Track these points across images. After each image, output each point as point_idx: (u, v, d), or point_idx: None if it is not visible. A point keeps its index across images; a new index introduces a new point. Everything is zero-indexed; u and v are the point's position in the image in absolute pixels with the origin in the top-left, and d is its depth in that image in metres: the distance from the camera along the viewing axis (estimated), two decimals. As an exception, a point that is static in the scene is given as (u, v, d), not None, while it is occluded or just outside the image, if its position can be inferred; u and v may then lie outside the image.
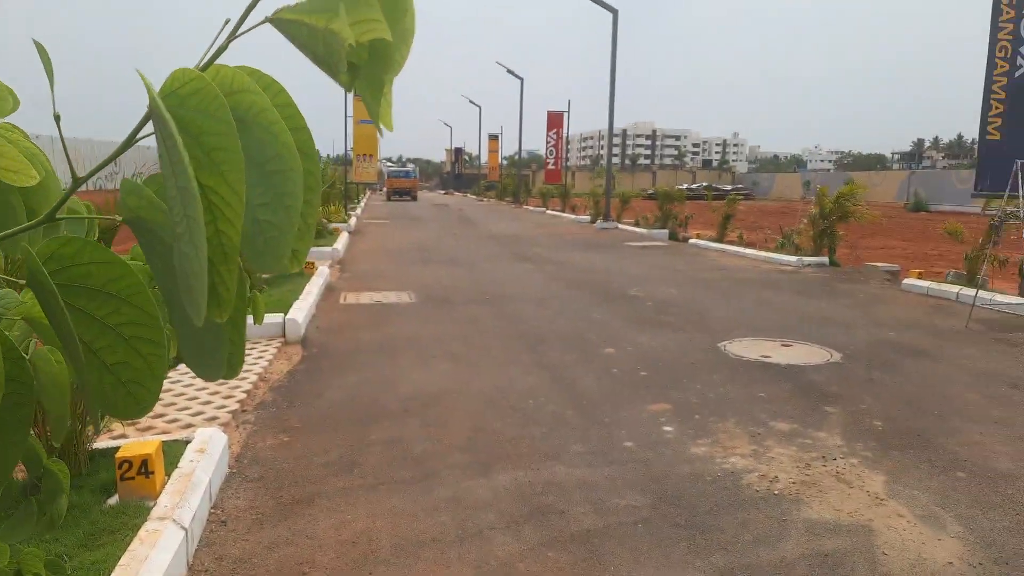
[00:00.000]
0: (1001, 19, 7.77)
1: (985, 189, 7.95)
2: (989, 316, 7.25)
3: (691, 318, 7.35)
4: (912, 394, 4.77)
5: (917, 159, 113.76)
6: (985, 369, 5.40)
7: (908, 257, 14.70)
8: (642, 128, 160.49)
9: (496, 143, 47.25)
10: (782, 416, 4.32)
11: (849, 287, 9.53)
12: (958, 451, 3.76)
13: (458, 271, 11.05)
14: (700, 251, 14.53)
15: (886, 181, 42.39)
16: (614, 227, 20.55)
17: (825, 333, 6.62)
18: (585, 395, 4.76)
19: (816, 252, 12.05)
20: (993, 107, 7.83)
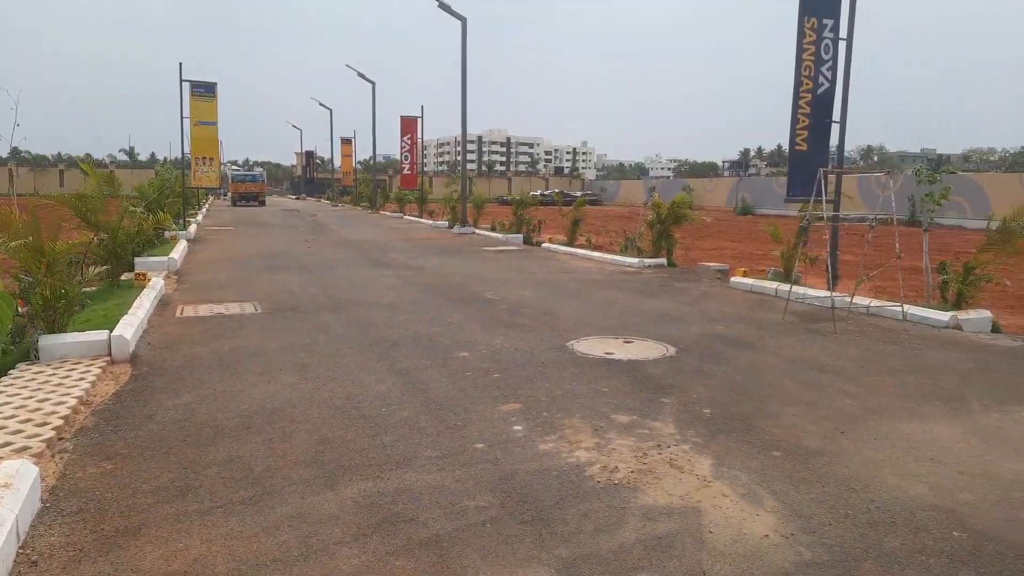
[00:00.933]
0: (805, 42, 8.71)
1: (796, 194, 8.86)
2: (802, 309, 8.08)
3: (542, 319, 7.57)
4: (737, 382, 5.20)
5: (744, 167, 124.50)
6: (798, 356, 6.00)
7: (736, 256, 16.04)
8: (497, 135, 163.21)
9: (349, 147, 46.13)
10: (623, 409, 4.56)
11: (684, 286, 10.25)
12: (775, 432, 4.14)
13: (309, 279, 10.66)
14: (552, 254, 15.01)
15: (718, 187, 46.06)
16: (471, 232, 20.75)
17: (663, 329, 7.07)
18: (438, 399, 4.75)
19: (656, 254, 12.85)
20: (800, 121, 8.75)
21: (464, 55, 20.34)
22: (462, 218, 21.61)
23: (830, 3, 8.77)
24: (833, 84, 8.81)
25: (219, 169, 21.59)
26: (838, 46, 8.83)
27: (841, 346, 6.38)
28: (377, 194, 38.32)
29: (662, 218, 12.77)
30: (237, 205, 42.27)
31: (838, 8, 8.82)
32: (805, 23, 8.71)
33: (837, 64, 8.82)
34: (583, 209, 16.75)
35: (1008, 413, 4.48)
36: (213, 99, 19.10)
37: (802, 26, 8.72)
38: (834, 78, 8.80)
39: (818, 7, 8.71)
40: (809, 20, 8.71)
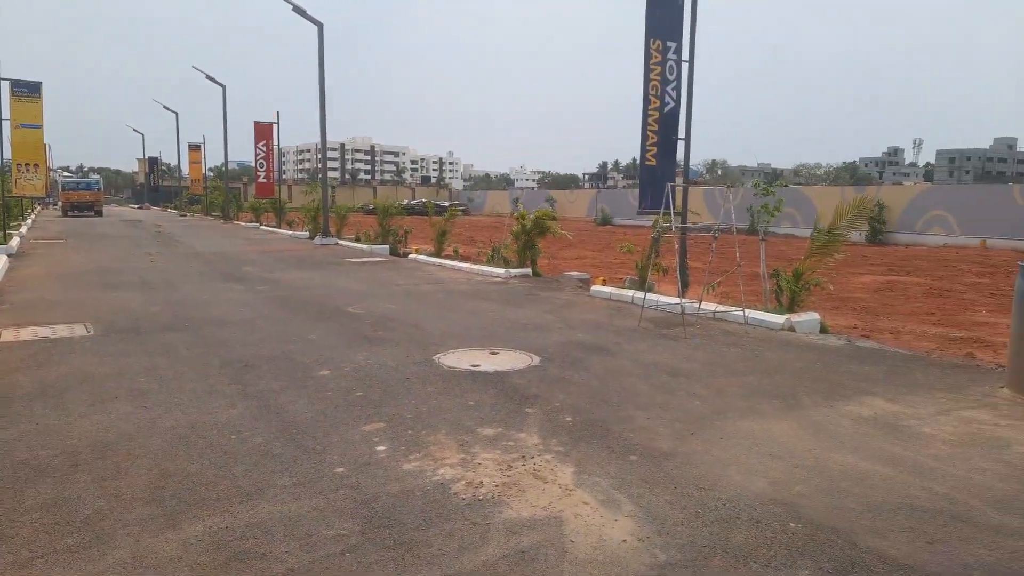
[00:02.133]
0: (651, 62, 9.23)
1: (647, 207, 9.35)
2: (656, 316, 8.50)
3: (408, 332, 7.45)
4: (596, 388, 5.37)
5: (603, 179, 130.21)
6: (652, 361, 6.30)
7: (597, 265, 16.68)
8: (361, 143, 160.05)
9: (198, 153, 43.41)
10: (488, 422, 4.56)
11: (548, 295, 10.49)
12: (631, 436, 4.30)
13: (152, 296, 9.87)
14: (419, 265, 14.87)
15: (579, 199, 47.79)
16: (334, 243, 20.15)
17: (528, 338, 7.18)
18: (295, 422, 4.52)
19: (521, 264, 13.08)
20: (649, 137, 9.26)
21: (321, 61, 19.78)
22: (324, 228, 20.94)
23: (673, 26, 9.35)
24: (678, 103, 9.39)
25: (47, 176, 19.55)
26: (682, 67, 9.43)
27: (690, 350, 6.76)
28: (231, 203, 36.31)
29: (527, 229, 13.02)
30: (69, 215, 38.55)
31: (680, 31, 9.41)
32: (651, 44, 9.22)
33: (681, 84, 9.41)
34: (451, 219, 16.76)
35: (834, 408, 4.92)
36: (38, 100, 17.31)
37: (648, 47, 9.22)
38: (679, 97, 9.39)
39: (662, 30, 9.26)
40: (655, 42, 9.23)
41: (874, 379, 5.72)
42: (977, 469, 3.79)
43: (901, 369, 6.07)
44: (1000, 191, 26.98)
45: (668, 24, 9.32)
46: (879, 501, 3.41)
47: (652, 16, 9.17)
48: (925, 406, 4.96)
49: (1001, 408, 4.89)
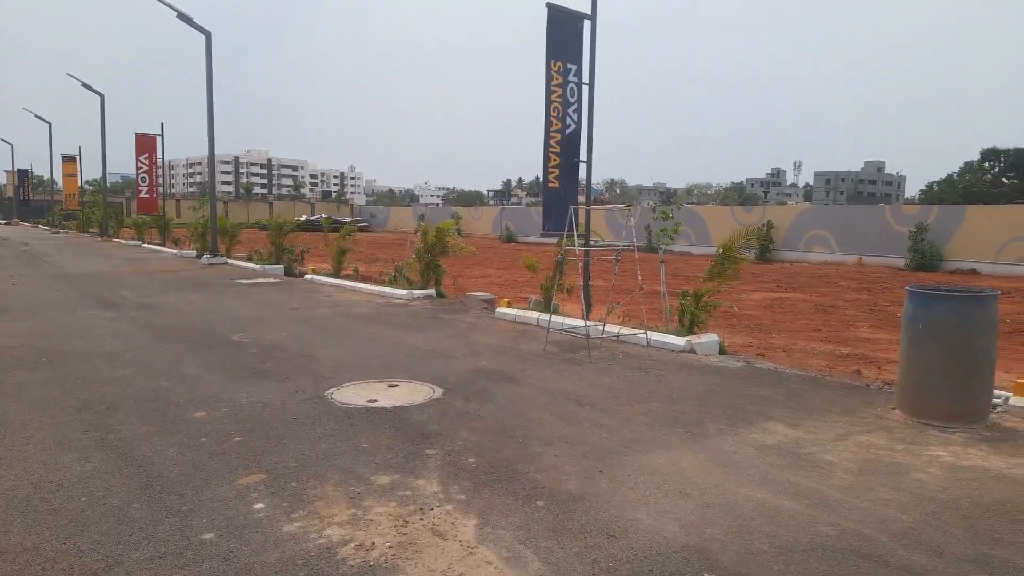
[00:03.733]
0: (553, 83, 9.16)
1: (551, 229, 9.23)
2: (561, 338, 8.36)
3: (299, 364, 6.93)
4: (501, 422, 5.10)
5: (507, 196, 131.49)
6: (557, 389, 6.10)
7: (503, 284, 16.53)
8: (257, 156, 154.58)
9: (74, 165, 40.25)
10: (384, 467, 4.18)
11: (453, 317, 10.17)
12: (537, 478, 4.05)
13: (8, 325, 8.81)
14: (316, 287, 14.18)
15: (484, 216, 47.81)
16: (223, 262, 19.00)
17: (430, 367, 6.83)
18: (161, 477, 3.99)
19: (425, 284, 12.70)
20: (552, 159, 9.16)
21: (209, 72, 18.71)
22: (212, 246, 19.72)
23: (573, 49, 9.33)
24: (580, 125, 9.36)
25: None
26: (582, 90, 9.42)
27: (596, 375, 6.63)
28: (110, 219, 33.83)
29: (430, 247, 12.67)
30: (-81, 232, 34.75)
31: (580, 54, 9.41)
32: (552, 66, 9.16)
33: (582, 106, 9.39)
34: (351, 236, 16.13)
35: (739, 435, 4.87)
36: None
37: (549, 69, 9.16)
38: (580, 120, 9.36)
39: (562, 52, 9.22)
40: (555, 64, 9.17)
41: (774, 402, 5.76)
42: (880, 500, 3.78)
43: (798, 391, 6.16)
44: (874, 211, 29.03)
45: (568, 46, 9.29)
46: (790, 541, 3.30)
47: (552, 38, 9.11)
48: (824, 431, 4.99)
49: (894, 431, 4.99)
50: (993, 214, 23.66)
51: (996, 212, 24.30)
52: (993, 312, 5.07)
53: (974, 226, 22.84)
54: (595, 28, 9.45)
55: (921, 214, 24.63)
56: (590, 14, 9.43)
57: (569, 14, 9.30)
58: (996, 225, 22.36)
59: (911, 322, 5.26)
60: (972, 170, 71.01)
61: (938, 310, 5.12)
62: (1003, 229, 22.08)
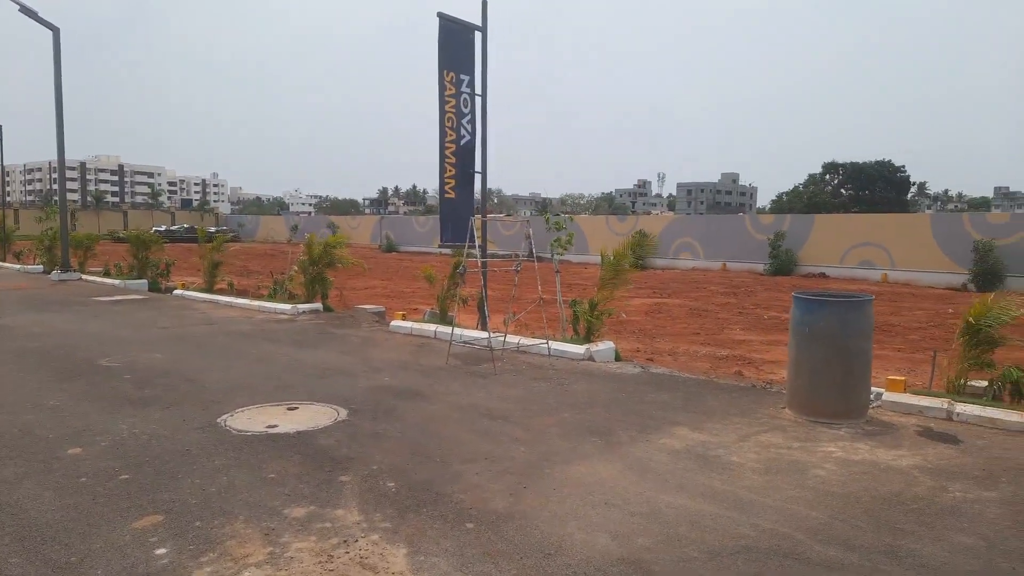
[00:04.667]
0: (446, 94, 9.09)
1: (448, 240, 9.14)
2: (463, 351, 8.27)
3: (183, 389, 6.40)
4: (415, 442, 4.94)
5: (384, 205, 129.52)
6: (468, 403, 6.01)
7: (389, 295, 16.20)
8: (106, 162, 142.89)
9: None
10: (296, 498, 3.92)
11: (344, 332, 9.81)
12: (463, 499, 3.94)
13: None
14: (188, 303, 13.22)
15: (362, 225, 46.77)
16: (77, 278, 17.31)
17: (330, 386, 6.52)
18: (40, 525, 3.52)
19: (310, 298, 12.18)
20: (447, 170, 9.08)
21: (58, 69, 17.04)
22: (63, 261, 17.90)
23: (465, 60, 9.31)
24: (474, 136, 9.35)
25: None
26: (476, 101, 9.41)
27: (504, 387, 6.60)
28: (-66, 231, 29.93)
29: (315, 260, 12.17)
30: None
31: (473, 65, 9.41)
32: (445, 76, 9.09)
33: (476, 118, 9.38)
34: (222, 249, 15.18)
35: (650, 442, 5.00)
36: None
37: (442, 79, 9.08)
38: (475, 131, 9.35)
39: (455, 63, 9.18)
40: (448, 74, 9.11)
41: (675, 407, 5.98)
42: (790, 498, 4.00)
43: (695, 395, 6.44)
44: (735, 221, 31.19)
45: (460, 57, 9.26)
46: (717, 546, 3.41)
47: (445, 48, 9.05)
48: (727, 433, 5.23)
49: (788, 430, 5.32)
50: (837, 223, 26.08)
51: (840, 221, 26.81)
52: (869, 315, 5.54)
53: (822, 234, 25.06)
54: (486, 40, 9.49)
55: (776, 223, 26.71)
56: (480, 25, 9.45)
57: (461, 25, 9.28)
58: (840, 233, 24.67)
59: (798, 326, 5.64)
60: (815, 182, 78.15)
61: (822, 315, 5.53)
62: (846, 236, 24.40)
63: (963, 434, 5.18)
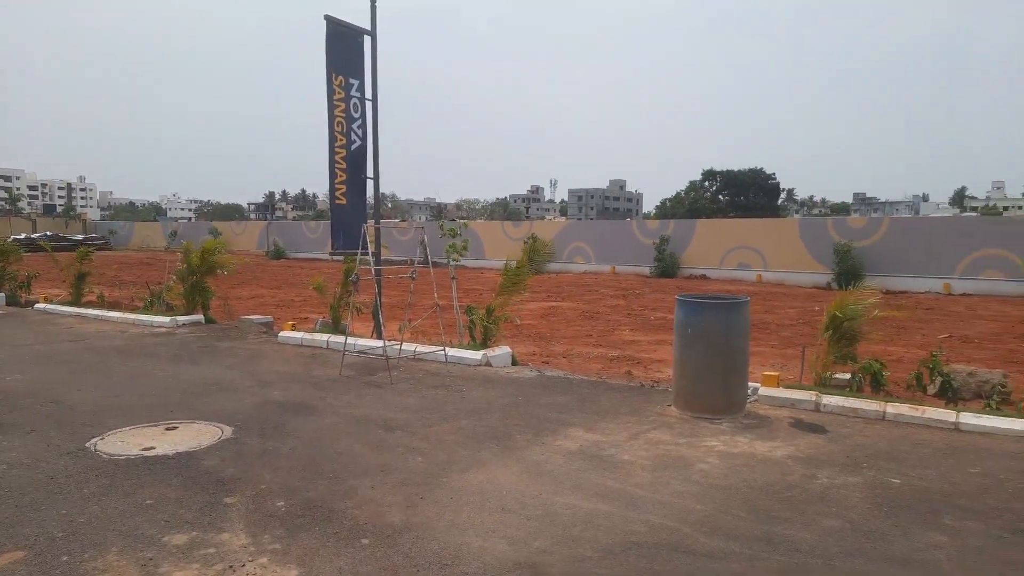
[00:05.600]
0: (335, 97, 8.87)
1: (340, 247, 8.91)
2: (357, 360, 8.09)
3: (47, 412, 5.88)
4: (307, 458, 4.78)
5: (271, 210, 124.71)
6: (363, 415, 5.88)
7: (277, 305, 15.58)
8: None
9: None
10: (177, 525, 3.70)
11: (229, 345, 9.35)
12: (357, 514, 3.85)
13: None
14: (52, 318, 12.17)
15: (248, 231, 44.76)
16: (-83, 292, 15.48)
17: (213, 403, 6.19)
18: None
19: (190, 310, 11.53)
20: (338, 175, 8.85)
21: None
22: (-99, 274, 15.98)
23: (354, 64, 9.12)
24: (365, 141, 9.17)
25: None
26: (366, 105, 9.25)
27: (400, 397, 6.51)
28: None
29: (194, 268, 11.53)
30: None
31: (362, 69, 9.24)
32: (333, 80, 8.88)
33: (367, 122, 9.22)
34: (91, 257, 14.08)
35: (546, 444, 5.09)
36: None
37: (331, 83, 8.86)
38: (366, 136, 9.18)
39: (344, 66, 8.98)
40: (337, 78, 8.90)
41: (570, 409, 6.11)
42: (677, 493, 4.18)
43: (589, 396, 6.61)
44: (623, 226, 32.30)
45: (349, 61, 9.07)
46: (610, 544, 3.51)
47: (332, 51, 8.83)
48: (618, 432, 5.41)
49: (675, 427, 5.56)
50: (717, 227, 27.57)
51: (719, 225, 28.36)
52: (746, 315, 5.89)
53: (703, 238, 26.41)
54: (375, 44, 9.35)
55: (661, 228, 27.90)
56: (370, 30, 9.31)
57: (349, 28, 9.09)
58: (719, 237, 26.09)
59: (682, 327, 5.92)
60: (696, 188, 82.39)
61: (703, 316, 5.82)
62: (724, 240, 25.84)
63: (830, 424, 5.61)
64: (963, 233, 20.75)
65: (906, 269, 21.04)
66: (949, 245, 20.45)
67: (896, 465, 4.64)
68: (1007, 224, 22.77)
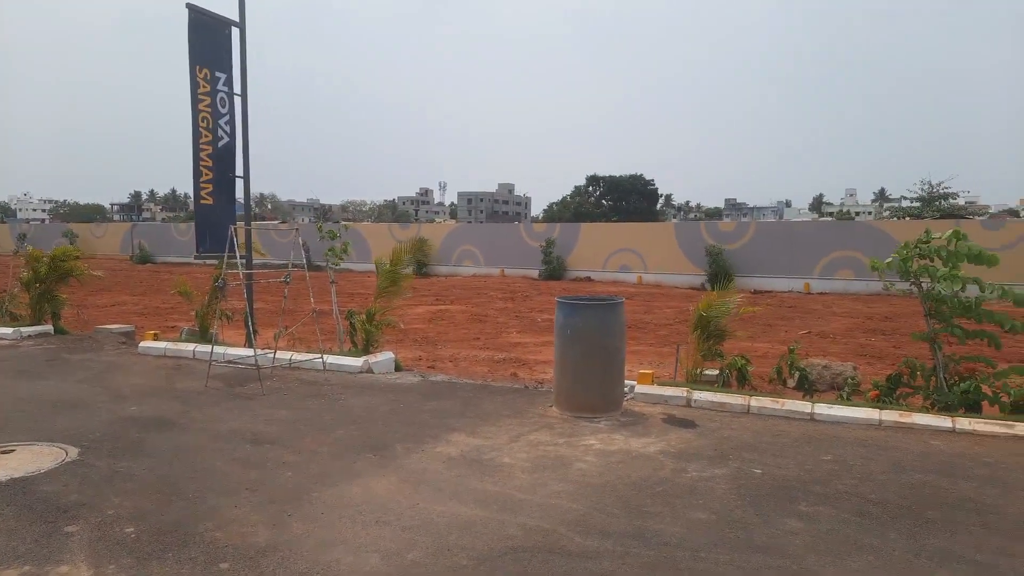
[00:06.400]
0: (200, 91, 8.33)
1: (207, 250, 8.36)
2: (226, 372, 7.62)
3: None
4: (164, 478, 4.42)
5: (137, 211, 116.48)
6: (230, 430, 5.53)
7: (142, 313, 14.51)
8: None
9: None
10: (8, 559, 3.29)
11: (82, 357, 8.56)
12: (217, 536, 3.58)
13: None
14: None
15: (110, 233, 41.51)
16: None
17: (59, 422, 5.62)
18: None
19: (37, 320, 10.48)
20: (204, 174, 8.31)
21: None
22: None
23: (221, 57, 8.62)
24: (234, 138, 8.68)
25: None
26: (234, 100, 8.76)
27: (272, 409, 6.18)
28: None
29: (41, 276, 10.49)
30: None
31: (230, 63, 8.75)
32: (197, 73, 8.34)
33: (235, 118, 8.73)
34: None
35: (426, 452, 4.97)
36: None
37: (194, 76, 8.32)
38: (234, 132, 8.68)
39: (209, 59, 8.46)
40: (201, 71, 8.38)
41: (453, 414, 6.03)
42: (554, 494, 4.19)
43: (472, 400, 6.55)
44: (511, 229, 32.60)
45: (215, 53, 8.55)
46: (486, 550, 3.46)
47: (196, 43, 8.29)
48: (500, 435, 5.38)
49: (555, 427, 5.61)
50: (600, 231, 28.42)
51: (602, 229, 29.24)
52: (621, 316, 6.04)
53: (587, 241, 27.14)
54: (245, 36, 8.88)
55: (548, 231, 28.43)
56: (238, 21, 8.83)
57: (215, 19, 8.58)
58: (603, 240, 26.91)
59: (562, 329, 5.99)
60: (580, 193, 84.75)
61: (581, 317, 5.92)
62: (608, 243, 26.67)
63: (700, 419, 5.85)
64: (820, 236, 22.52)
65: (771, 270, 22.54)
66: (808, 247, 22.12)
67: (758, 456, 4.89)
68: (858, 228, 24.95)
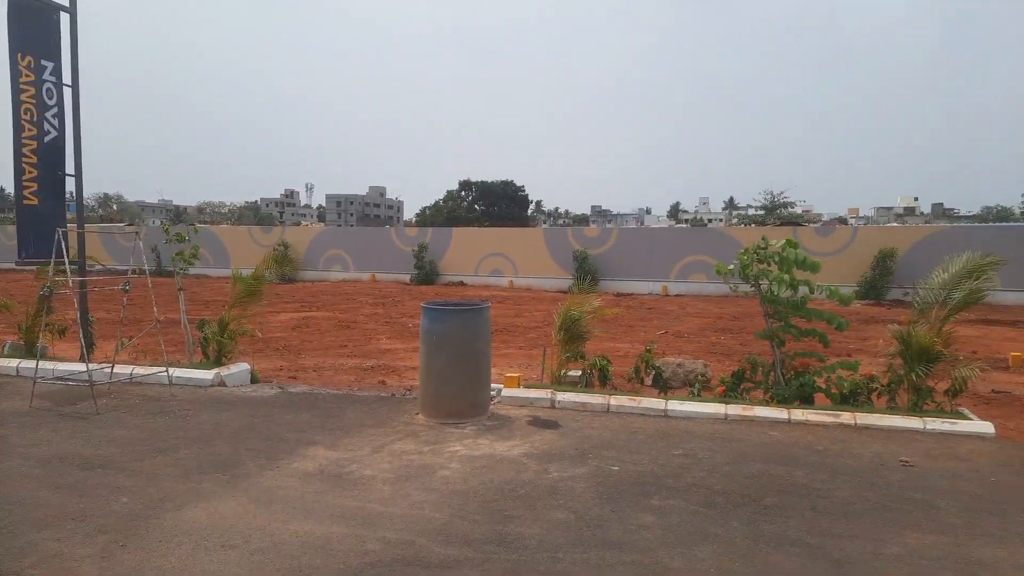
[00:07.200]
0: (22, 81, 7.48)
1: (32, 255, 7.50)
2: (56, 389, 6.88)
3: None
4: (-29, 515, 3.89)
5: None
6: (56, 454, 4.98)
7: (-44, 328, 12.84)
8: None
9: None
10: None
11: None
12: (35, 575, 3.20)
13: None
14: None
15: (-80, 237, 36.52)
16: None
17: None
18: None
19: None
20: (27, 172, 7.45)
21: None
22: None
23: (47, 44, 7.78)
24: (63, 133, 7.86)
25: None
26: (64, 92, 7.94)
27: (107, 429, 5.64)
28: None
29: None
30: None
31: (58, 51, 7.92)
32: (19, 61, 7.49)
33: (65, 112, 7.91)
34: None
35: (280, 468, 4.72)
36: None
37: (15, 64, 7.47)
38: (63, 126, 7.87)
39: (33, 46, 7.62)
40: (24, 58, 7.53)
41: (313, 426, 5.78)
42: (416, 504, 4.10)
43: (334, 411, 6.31)
44: (382, 233, 32.01)
45: (40, 40, 7.71)
46: (343, 568, 3.32)
47: (16, 27, 7.44)
48: (362, 447, 5.21)
49: (420, 435, 5.51)
50: (472, 236, 28.54)
51: (474, 234, 29.38)
52: (487, 320, 6.05)
53: (460, 246, 27.17)
54: (75, 22, 8.08)
55: (420, 235, 28.18)
56: (68, 6, 8.02)
57: (40, 3, 7.74)
58: (475, 245, 27.04)
59: (427, 335, 5.90)
60: (453, 198, 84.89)
61: (447, 323, 5.87)
62: (479, 248, 26.84)
63: (563, 419, 5.97)
64: (676, 242, 23.90)
65: (633, 273, 23.62)
66: (666, 252, 23.39)
67: (616, 453, 5.06)
68: (709, 234, 26.74)
